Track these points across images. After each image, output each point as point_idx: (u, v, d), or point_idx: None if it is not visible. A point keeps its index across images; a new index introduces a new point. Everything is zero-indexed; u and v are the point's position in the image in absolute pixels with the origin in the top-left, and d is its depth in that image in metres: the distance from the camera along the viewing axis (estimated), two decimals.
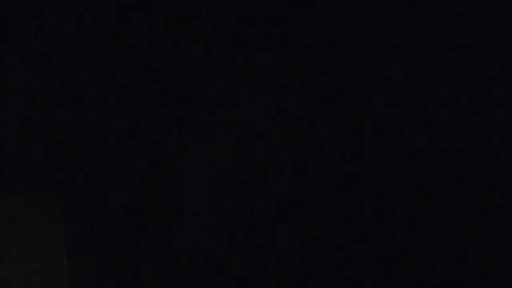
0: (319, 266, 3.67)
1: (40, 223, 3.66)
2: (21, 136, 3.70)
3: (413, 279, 3.64)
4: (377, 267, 3.65)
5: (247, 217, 3.71)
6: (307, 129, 3.76)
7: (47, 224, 3.66)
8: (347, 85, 3.76)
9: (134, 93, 3.75)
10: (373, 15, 3.75)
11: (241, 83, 3.77)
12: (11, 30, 3.69)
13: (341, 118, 3.76)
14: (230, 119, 3.77)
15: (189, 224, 3.70)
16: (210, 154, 3.75)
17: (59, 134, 3.72)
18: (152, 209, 3.71)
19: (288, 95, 3.77)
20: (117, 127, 3.74)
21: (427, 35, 3.73)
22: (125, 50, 3.76)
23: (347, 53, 3.76)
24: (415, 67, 3.75)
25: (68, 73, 3.73)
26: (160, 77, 3.77)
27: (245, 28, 3.77)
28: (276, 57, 3.77)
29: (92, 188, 3.70)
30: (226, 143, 3.76)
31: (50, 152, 3.70)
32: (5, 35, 3.68)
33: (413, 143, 3.73)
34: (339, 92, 3.77)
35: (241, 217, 3.71)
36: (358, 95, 3.76)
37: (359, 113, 3.75)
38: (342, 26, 3.76)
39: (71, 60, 3.73)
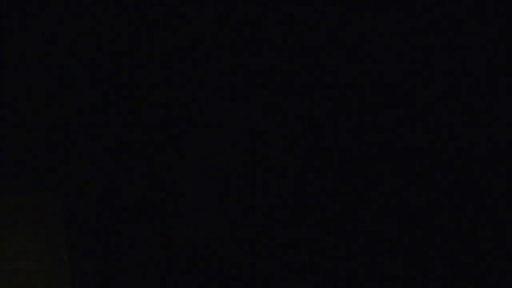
0: (319, 265, 3.67)
1: (41, 222, 3.67)
2: (22, 136, 3.71)
3: (413, 278, 3.65)
4: (377, 267, 3.66)
5: (247, 216, 3.71)
6: (307, 129, 3.76)
7: (48, 223, 3.67)
8: (347, 85, 3.77)
9: (134, 93, 3.76)
10: (373, 15, 3.76)
11: (241, 83, 3.78)
12: (11, 30, 3.69)
13: (341, 118, 3.76)
14: (231, 119, 3.77)
15: (189, 223, 3.71)
16: (210, 154, 3.76)
17: (60, 134, 3.72)
18: (152, 209, 3.71)
19: (288, 95, 3.77)
20: (117, 127, 3.74)
21: (427, 35, 3.73)
22: (126, 50, 3.76)
23: (347, 53, 3.77)
24: (414, 67, 3.75)
25: (68, 73, 3.74)
26: (160, 77, 3.78)
27: (245, 28, 3.78)
28: (276, 57, 3.77)
29: (92, 187, 3.71)
30: (226, 143, 3.76)
31: (51, 152, 3.71)
32: (6, 35, 3.69)
33: (413, 143, 3.73)
34: (339, 92, 3.77)
35: (241, 216, 3.72)
36: (358, 95, 3.76)
37: (359, 112, 3.76)
38: (342, 26, 3.76)
39: (72, 61, 3.74)
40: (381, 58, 3.75)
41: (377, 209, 3.70)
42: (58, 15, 3.73)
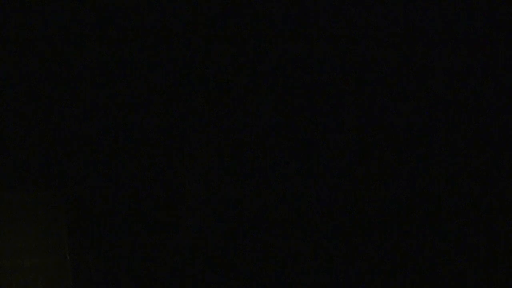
0: (319, 265, 3.67)
1: (44, 218, 3.67)
2: (26, 134, 3.72)
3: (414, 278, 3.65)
4: (377, 267, 3.66)
5: (247, 218, 3.72)
6: (308, 131, 3.77)
7: (51, 219, 3.67)
8: (347, 83, 3.78)
9: (136, 93, 3.77)
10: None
11: (241, 84, 3.79)
12: (12, 28, 3.72)
13: (342, 117, 3.77)
14: (232, 117, 3.78)
15: (190, 223, 3.71)
16: (211, 155, 3.76)
17: (64, 133, 3.73)
18: (153, 208, 3.72)
19: (289, 99, 3.78)
20: (119, 126, 3.75)
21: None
22: (127, 49, 3.78)
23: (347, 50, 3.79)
24: (416, 66, 3.77)
25: (72, 73, 3.76)
26: (161, 76, 3.79)
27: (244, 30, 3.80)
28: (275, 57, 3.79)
29: (95, 186, 3.72)
30: (227, 141, 3.77)
31: (55, 150, 3.72)
32: (6, 34, 3.72)
33: (413, 142, 3.74)
34: (339, 90, 3.78)
35: (241, 219, 3.72)
36: (359, 93, 3.78)
37: (359, 110, 3.77)
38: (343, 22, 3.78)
39: (74, 61, 3.76)
40: (380, 58, 3.78)
41: (378, 210, 3.70)
42: (62, 14, 3.76)
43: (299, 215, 3.72)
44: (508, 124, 3.70)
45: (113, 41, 3.77)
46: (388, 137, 3.75)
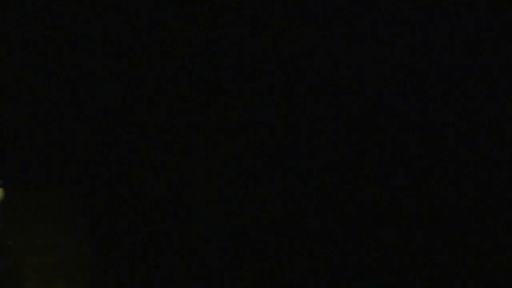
0: (320, 267, 3.68)
1: (63, 216, 3.72)
2: (44, 132, 3.75)
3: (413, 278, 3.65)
4: (375, 267, 3.66)
5: (249, 216, 3.73)
6: (308, 127, 3.77)
7: (70, 217, 3.72)
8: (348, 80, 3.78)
9: (138, 93, 3.79)
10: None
11: (241, 85, 3.80)
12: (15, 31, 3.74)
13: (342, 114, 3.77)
14: (233, 116, 3.79)
15: (201, 223, 3.73)
16: (214, 153, 3.78)
17: (82, 133, 3.76)
18: (169, 208, 3.74)
19: (289, 99, 3.79)
20: (120, 127, 3.78)
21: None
22: (129, 49, 3.80)
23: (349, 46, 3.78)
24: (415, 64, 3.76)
25: (73, 72, 3.78)
26: (163, 76, 3.81)
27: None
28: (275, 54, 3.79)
29: (113, 183, 3.74)
30: (229, 141, 3.78)
31: (76, 149, 3.75)
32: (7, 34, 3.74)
33: (414, 141, 3.74)
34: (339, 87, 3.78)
35: (243, 216, 3.73)
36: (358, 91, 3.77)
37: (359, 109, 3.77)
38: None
39: (75, 61, 3.78)
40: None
41: (377, 212, 3.70)
42: (62, 13, 3.78)
43: (300, 215, 3.73)
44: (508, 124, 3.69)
45: (113, 40, 3.79)
46: (388, 136, 3.75)
